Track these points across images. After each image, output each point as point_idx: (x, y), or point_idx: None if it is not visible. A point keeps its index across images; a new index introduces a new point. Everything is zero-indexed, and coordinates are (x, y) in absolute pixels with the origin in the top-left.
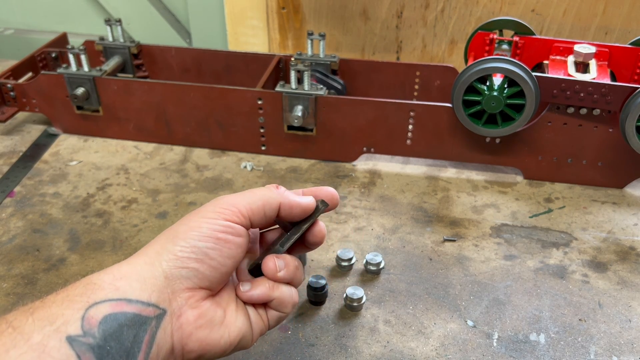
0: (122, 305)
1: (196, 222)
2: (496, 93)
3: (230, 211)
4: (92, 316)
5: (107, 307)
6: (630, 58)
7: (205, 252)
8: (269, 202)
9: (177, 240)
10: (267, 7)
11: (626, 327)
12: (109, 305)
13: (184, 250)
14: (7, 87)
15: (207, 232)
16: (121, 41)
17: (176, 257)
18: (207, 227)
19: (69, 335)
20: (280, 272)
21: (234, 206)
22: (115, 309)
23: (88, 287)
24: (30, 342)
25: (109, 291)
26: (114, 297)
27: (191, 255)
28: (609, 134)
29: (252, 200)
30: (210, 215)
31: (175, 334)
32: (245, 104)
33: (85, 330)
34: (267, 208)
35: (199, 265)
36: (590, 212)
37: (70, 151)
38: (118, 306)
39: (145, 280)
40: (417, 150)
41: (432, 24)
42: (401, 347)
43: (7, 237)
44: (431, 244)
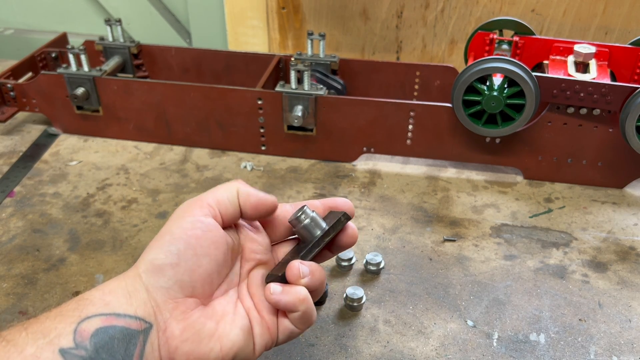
0: (111, 319)
1: (166, 228)
2: (496, 93)
3: (198, 205)
4: (84, 329)
5: (98, 321)
6: (630, 58)
7: (179, 254)
8: (229, 189)
9: (151, 249)
10: (267, 7)
11: (626, 327)
12: (100, 319)
13: (158, 257)
14: (7, 87)
15: (177, 233)
16: (121, 41)
17: (152, 267)
18: (176, 228)
19: (62, 347)
20: (304, 278)
21: (200, 200)
22: (106, 323)
23: (80, 303)
24: (23, 354)
25: (99, 306)
26: (104, 311)
27: (165, 261)
28: (609, 134)
29: (215, 191)
30: (178, 217)
31: (162, 349)
32: (245, 104)
33: (77, 343)
34: (230, 195)
35: (175, 271)
36: (590, 212)
37: (70, 151)
38: (108, 320)
39: (130, 294)
40: (417, 150)
41: (432, 24)
42: (401, 347)
43: (7, 237)
44: (431, 244)
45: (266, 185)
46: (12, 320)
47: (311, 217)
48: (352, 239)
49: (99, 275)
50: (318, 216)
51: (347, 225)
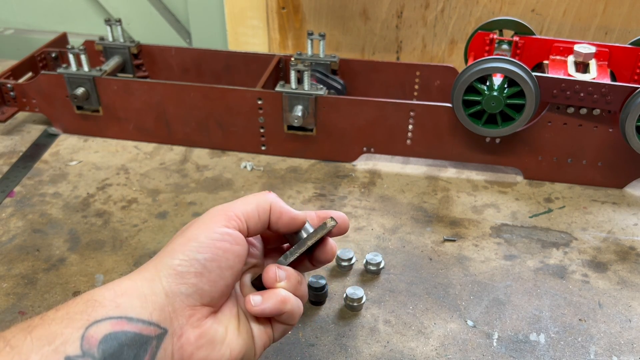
0: (122, 323)
1: (193, 233)
2: (496, 93)
3: (226, 216)
4: (92, 335)
5: (108, 325)
6: (630, 58)
7: (204, 264)
8: (261, 204)
9: (175, 253)
10: (267, 7)
11: (626, 327)
12: (110, 323)
13: (183, 264)
14: (7, 87)
15: (205, 242)
16: (121, 41)
17: (175, 272)
18: (204, 237)
19: (68, 355)
20: (280, 282)
21: (230, 211)
22: (116, 328)
23: (88, 304)
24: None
25: (109, 309)
26: (115, 314)
27: (190, 270)
28: (609, 134)
29: (245, 203)
30: (206, 225)
31: (175, 354)
32: (245, 104)
33: (84, 350)
34: (260, 210)
35: (198, 279)
36: (590, 212)
37: (70, 151)
38: (118, 325)
39: (145, 297)
40: (417, 150)
41: (432, 24)
42: (401, 347)
43: (7, 237)
44: (431, 244)
45: (266, 185)
46: (12, 321)
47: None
48: (329, 254)
49: (99, 275)
50: (309, 224)
51: (327, 241)
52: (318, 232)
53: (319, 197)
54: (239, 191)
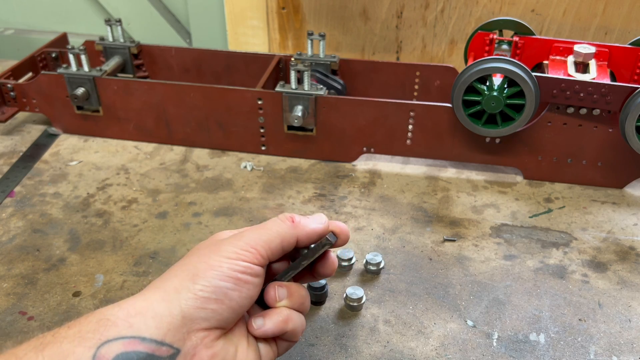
0: (135, 343)
1: (217, 261)
2: (496, 93)
3: (250, 253)
4: (104, 355)
5: (120, 345)
6: (630, 58)
7: (225, 292)
8: (287, 238)
9: (197, 278)
10: (267, 7)
11: (626, 327)
12: (122, 343)
13: (205, 290)
14: (7, 87)
15: (227, 272)
16: (121, 41)
17: (196, 297)
18: (227, 267)
19: None
20: (280, 302)
21: (254, 247)
22: (128, 348)
23: (100, 323)
24: None
25: (122, 328)
26: (127, 334)
27: (211, 296)
28: (608, 134)
29: (270, 238)
30: (230, 255)
31: None
32: (245, 104)
33: None
34: (285, 244)
35: (218, 306)
36: (590, 212)
37: (71, 151)
38: (131, 344)
39: (161, 318)
40: (417, 150)
41: (432, 24)
42: (401, 347)
43: (7, 237)
44: (431, 244)
45: (266, 185)
46: (13, 321)
47: None
48: (329, 269)
49: (99, 275)
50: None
51: (328, 255)
52: (316, 250)
53: (319, 197)
54: (239, 191)
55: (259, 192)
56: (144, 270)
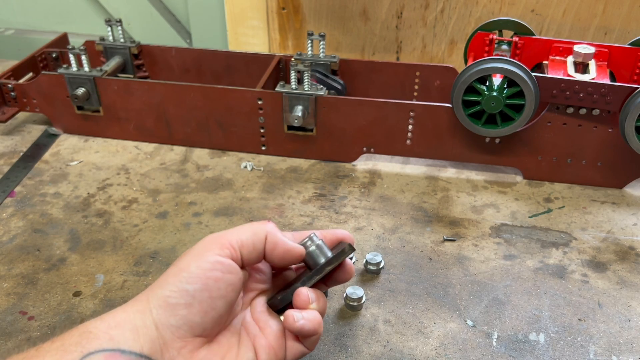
0: (116, 356)
1: (185, 263)
2: (496, 93)
3: (219, 244)
4: None
5: (101, 357)
6: (630, 58)
7: (194, 295)
8: (257, 233)
9: (166, 284)
10: (267, 7)
11: (625, 327)
12: (103, 355)
13: (173, 295)
14: (7, 87)
15: (195, 272)
16: (121, 41)
17: (165, 304)
18: (195, 267)
19: None
20: (312, 304)
21: (224, 239)
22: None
23: (83, 336)
24: None
25: (103, 340)
26: (109, 347)
27: (180, 301)
28: (608, 134)
29: (240, 232)
30: (198, 254)
31: None
32: (246, 104)
33: None
34: (256, 239)
35: (188, 311)
36: (589, 212)
37: (71, 151)
38: (112, 357)
39: (137, 330)
40: (417, 150)
41: (432, 25)
42: (401, 346)
43: (8, 237)
44: (431, 243)
45: (266, 185)
46: (13, 321)
47: (317, 245)
48: (348, 274)
49: (99, 275)
50: (324, 244)
51: (346, 261)
52: (338, 258)
53: (319, 197)
54: (239, 191)
55: (259, 192)
56: (144, 270)
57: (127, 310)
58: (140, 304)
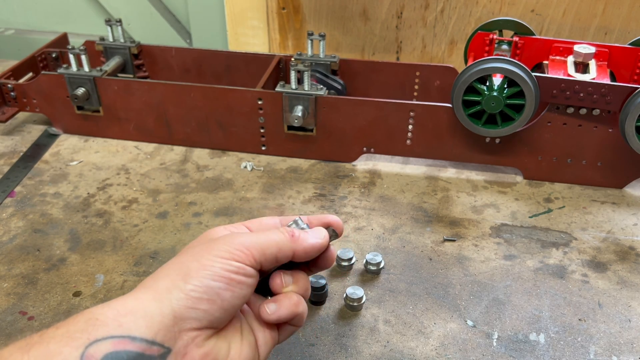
0: (125, 342)
1: (209, 260)
2: (496, 93)
3: (244, 254)
4: (92, 354)
5: (109, 344)
6: (630, 58)
7: (217, 292)
8: (283, 250)
9: (188, 278)
10: (267, 7)
11: (626, 327)
12: (111, 342)
13: (196, 289)
14: (7, 87)
15: (219, 272)
16: (121, 41)
17: (187, 297)
18: (219, 267)
19: None
20: (287, 287)
21: (248, 249)
22: (118, 347)
23: (89, 323)
24: None
25: (111, 327)
26: (117, 333)
27: (203, 296)
28: (608, 134)
29: (266, 245)
30: (223, 255)
31: None
32: (246, 104)
33: None
34: (280, 256)
35: (210, 306)
36: (589, 212)
37: (71, 151)
38: (121, 344)
39: (152, 318)
40: (417, 151)
41: (432, 25)
42: (401, 346)
43: (8, 237)
44: (431, 244)
45: (266, 186)
46: (13, 321)
47: (300, 229)
48: (329, 261)
49: (99, 275)
50: (308, 229)
51: (328, 247)
52: None
53: (319, 197)
54: (239, 191)
55: (259, 192)
56: (145, 270)
57: (139, 298)
58: (156, 293)
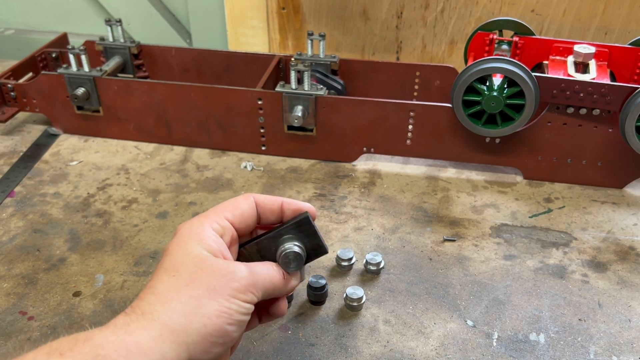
0: None
1: (226, 301)
2: (496, 93)
3: (254, 295)
4: None
5: None
6: (630, 58)
7: (231, 335)
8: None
9: (207, 320)
10: (267, 7)
11: (626, 327)
12: None
13: (214, 334)
14: (7, 87)
15: (235, 316)
16: (121, 41)
17: (204, 341)
18: (235, 310)
19: None
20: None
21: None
22: None
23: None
24: None
25: None
26: None
27: (218, 340)
28: (608, 134)
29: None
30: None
31: None
32: (246, 104)
33: None
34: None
35: (221, 349)
36: (589, 212)
37: (71, 151)
38: None
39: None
40: (417, 151)
41: (432, 24)
42: (401, 346)
43: (8, 237)
44: (431, 244)
45: (266, 185)
46: (13, 321)
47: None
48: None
49: (99, 275)
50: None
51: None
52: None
53: (319, 197)
54: (239, 191)
55: (259, 192)
56: (144, 270)
57: (155, 339)
58: (172, 334)
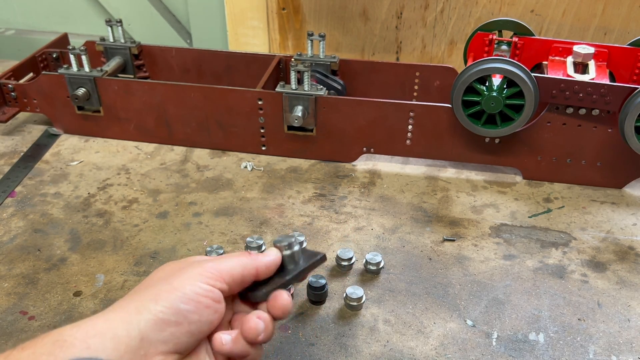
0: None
1: (179, 282)
2: (495, 93)
3: (214, 276)
4: None
5: None
6: (629, 58)
7: (186, 315)
8: (248, 268)
9: (159, 299)
10: (268, 7)
11: (625, 327)
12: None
13: (165, 311)
14: (8, 88)
15: (189, 295)
16: (122, 42)
17: (155, 318)
18: (190, 289)
19: None
20: (260, 336)
21: (218, 271)
22: None
23: (56, 344)
24: None
25: (79, 349)
26: (84, 355)
27: (171, 318)
28: (608, 134)
29: (232, 266)
30: (193, 277)
31: None
32: (246, 105)
33: None
34: (246, 274)
35: (177, 329)
36: (589, 212)
37: (71, 151)
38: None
39: (119, 340)
40: (417, 151)
41: (432, 25)
42: (401, 346)
43: (8, 237)
44: (431, 243)
45: (266, 186)
46: (13, 321)
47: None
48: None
49: (99, 274)
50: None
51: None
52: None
53: (319, 197)
54: (239, 191)
55: (259, 192)
56: (145, 270)
57: (109, 319)
58: (125, 314)
